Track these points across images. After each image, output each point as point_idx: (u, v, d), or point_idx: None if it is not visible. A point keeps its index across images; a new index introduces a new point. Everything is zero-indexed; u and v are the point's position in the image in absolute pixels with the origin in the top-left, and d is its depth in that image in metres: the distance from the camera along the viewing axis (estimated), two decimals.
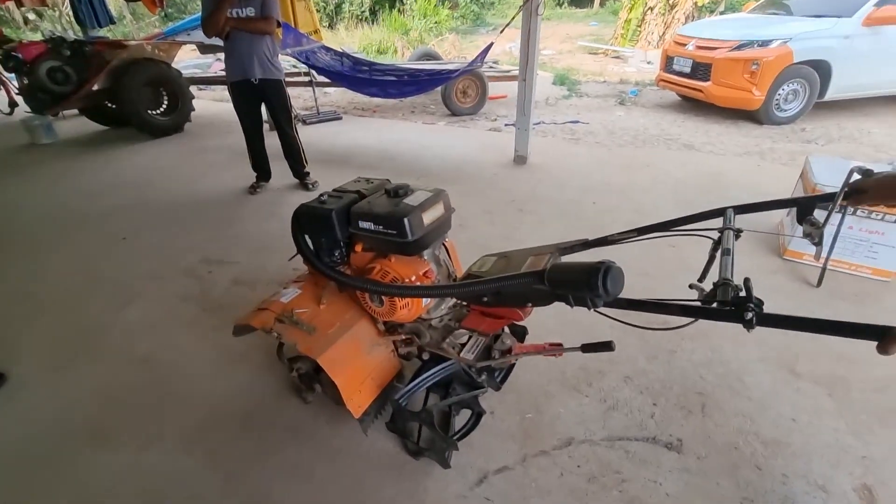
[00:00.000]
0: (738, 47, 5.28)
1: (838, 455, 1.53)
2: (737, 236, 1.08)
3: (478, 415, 1.61)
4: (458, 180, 3.95)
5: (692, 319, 0.92)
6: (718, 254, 1.05)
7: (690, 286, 1.02)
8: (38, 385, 1.90)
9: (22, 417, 1.76)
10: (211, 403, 1.78)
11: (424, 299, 1.43)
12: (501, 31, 4.03)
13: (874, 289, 2.34)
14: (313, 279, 1.71)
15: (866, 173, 0.99)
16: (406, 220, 1.25)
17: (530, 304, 1.21)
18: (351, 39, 11.80)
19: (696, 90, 5.69)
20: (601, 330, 2.09)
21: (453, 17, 14.99)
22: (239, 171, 4.20)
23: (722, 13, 10.56)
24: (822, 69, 5.19)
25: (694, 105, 6.23)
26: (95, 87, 4.91)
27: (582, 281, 0.93)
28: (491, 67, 6.70)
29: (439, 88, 5.76)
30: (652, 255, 2.59)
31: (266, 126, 3.77)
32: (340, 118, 6.04)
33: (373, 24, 13.61)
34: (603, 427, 1.65)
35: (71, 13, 6.88)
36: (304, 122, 5.68)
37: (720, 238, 1.08)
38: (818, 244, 1.08)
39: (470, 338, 1.50)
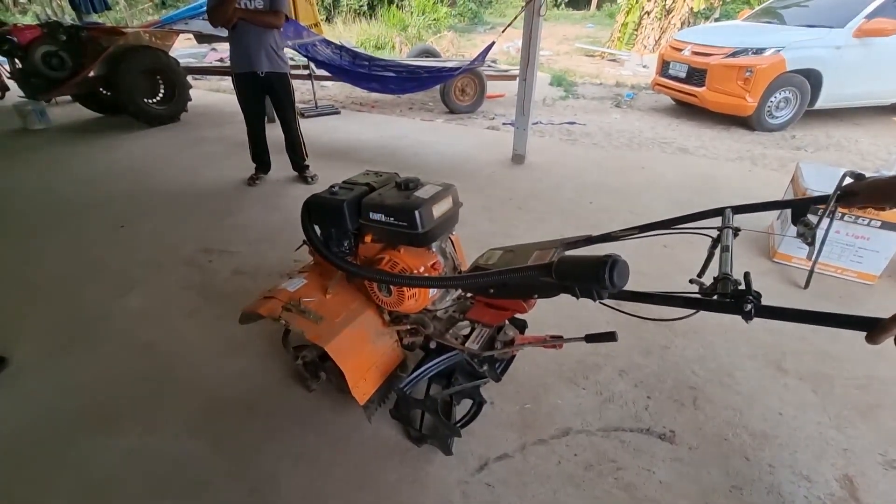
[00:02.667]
0: (733, 54, 5.38)
1: (822, 447, 1.60)
2: (735, 234, 1.13)
3: (479, 404, 1.66)
4: (457, 177, 3.98)
5: (694, 311, 0.97)
6: (717, 251, 1.10)
7: (691, 281, 1.07)
8: (38, 370, 1.91)
9: (22, 402, 1.76)
10: (215, 390, 1.80)
11: (431, 290, 1.46)
12: (503, 31, 4.07)
13: (859, 291, 2.43)
14: (319, 269, 1.74)
15: (858, 177, 1.05)
16: (417, 213, 1.29)
17: (535, 296, 1.25)
18: (348, 34, 11.75)
19: (691, 95, 5.78)
20: (598, 324, 2.14)
21: (451, 15, 15.01)
22: (237, 161, 4.19)
23: (717, 20, 10.71)
24: (813, 78, 5.31)
25: (687, 110, 6.33)
26: (91, 74, 4.85)
27: (589, 274, 0.97)
28: (489, 66, 6.74)
29: (438, 86, 5.79)
30: (645, 254, 2.65)
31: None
32: (339, 112, 6.04)
33: (371, 19, 13.57)
34: (599, 418, 1.70)
35: None
36: (303, 116, 5.67)
37: (719, 236, 1.13)
38: (811, 244, 1.15)
39: (473, 329, 1.54)
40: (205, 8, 5.99)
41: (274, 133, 3.75)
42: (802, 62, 5.20)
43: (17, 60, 4.73)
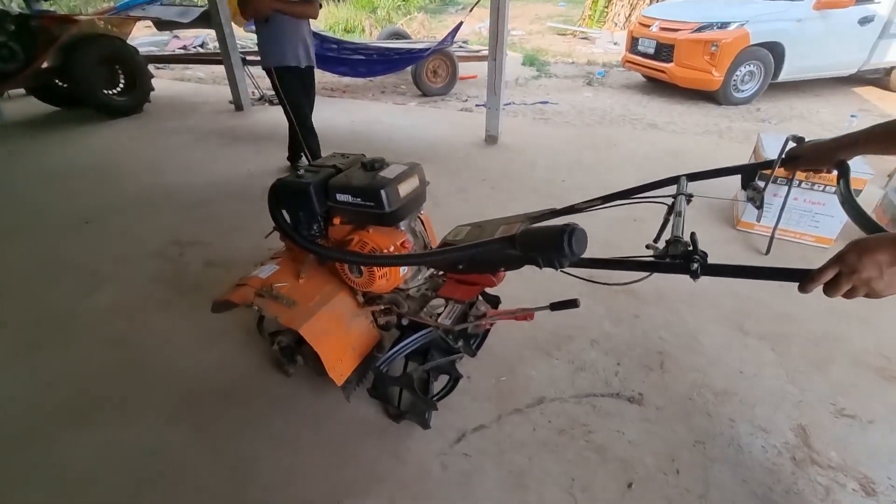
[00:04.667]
0: (699, 29, 5.46)
1: (778, 400, 1.70)
2: (688, 201, 1.18)
3: (455, 379, 1.70)
4: (430, 159, 3.98)
5: (648, 273, 1.01)
6: (672, 217, 1.15)
7: (647, 246, 1.11)
8: (6, 370, 1.87)
9: None
10: (192, 381, 1.80)
11: (402, 269, 1.48)
12: (471, 10, 4.04)
13: (815, 254, 2.55)
14: (291, 255, 1.74)
15: (798, 140, 1.10)
16: (383, 192, 1.30)
17: (503, 270, 1.28)
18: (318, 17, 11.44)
19: (660, 71, 5.86)
20: (566, 296, 2.21)
21: None
22: (203, 152, 4.10)
23: None
24: (776, 51, 5.44)
25: (657, 86, 6.42)
26: (44, 65, 4.64)
27: (549, 243, 1.00)
28: (461, 47, 6.69)
29: (409, 69, 5.73)
30: (616, 228, 2.72)
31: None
32: None
33: (339, 1, 13.22)
34: (572, 386, 1.77)
35: None
36: (271, 103, 5.55)
37: (673, 203, 1.18)
38: (759, 207, 1.20)
39: (446, 306, 1.57)
40: None
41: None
42: (766, 35, 5.32)
43: None
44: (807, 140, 1.11)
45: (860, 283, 0.71)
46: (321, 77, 7.06)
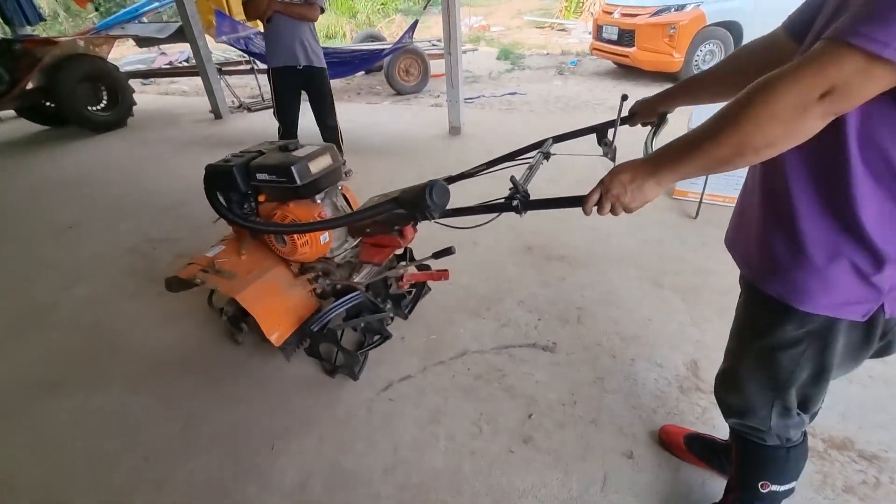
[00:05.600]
0: (657, 13, 5.62)
1: (679, 341, 1.88)
2: (546, 158, 1.37)
3: (384, 337, 1.89)
4: (397, 153, 4.18)
5: (495, 215, 1.18)
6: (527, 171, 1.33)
7: None
8: None
9: None
10: (155, 354, 2.01)
11: (323, 237, 1.68)
12: (424, 8, 4.23)
13: None
14: (237, 235, 1.94)
15: (624, 98, 1.29)
16: (294, 168, 1.50)
17: (396, 228, 1.47)
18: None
19: (624, 56, 6.03)
20: (500, 267, 2.40)
21: None
22: (182, 159, 4.32)
23: None
24: (734, 30, 5.59)
25: (626, 71, 6.58)
26: (29, 86, 4.89)
27: (419, 197, 1.19)
28: (434, 46, 6.89)
29: (385, 70, 5.93)
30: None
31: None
32: None
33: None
34: (493, 339, 1.95)
35: None
36: (250, 110, 5.77)
37: (532, 161, 1.36)
38: (613, 160, 1.38)
39: (369, 269, 1.76)
40: (140, 12, 6.00)
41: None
42: (722, 15, 5.48)
43: None
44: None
45: (615, 200, 0.89)
46: None
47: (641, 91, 5.74)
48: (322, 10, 3.27)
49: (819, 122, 0.65)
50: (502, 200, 1.12)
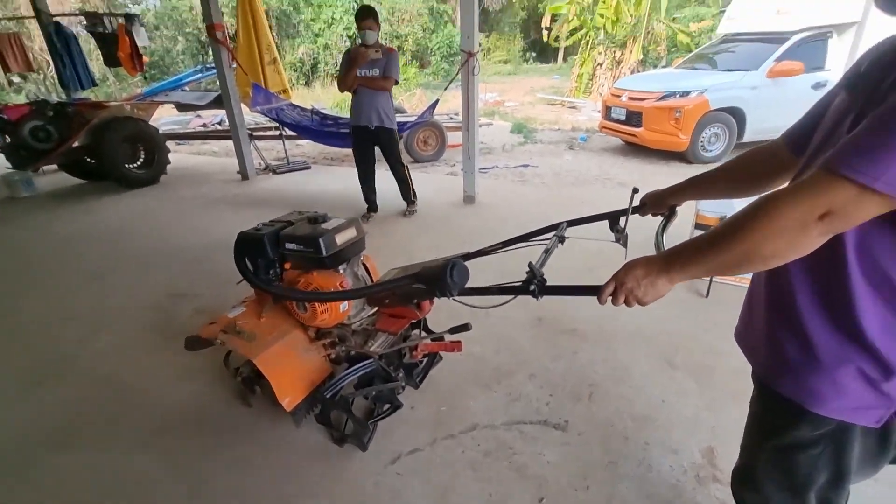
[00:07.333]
0: (663, 97, 5.98)
1: (693, 426, 1.85)
2: (561, 242, 1.45)
3: (395, 407, 1.89)
4: (413, 219, 4.35)
5: (512, 297, 1.24)
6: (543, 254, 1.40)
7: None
8: (11, 403, 2.11)
9: None
10: (166, 411, 2.02)
11: (342, 306, 1.74)
12: (445, 89, 4.58)
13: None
14: (258, 298, 2.02)
15: (635, 191, 1.38)
16: (321, 240, 1.60)
17: (415, 301, 1.54)
18: (326, 96, 12.56)
19: (632, 135, 6.35)
20: (511, 338, 2.42)
21: (424, 74, 16.08)
22: (208, 216, 4.53)
23: (664, 67, 11.68)
24: (737, 115, 5.91)
25: (634, 148, 6.88)
26: (76, 144, 5.27)
27: (439, 275, 1.26)
28: (451, 119, 7.33)
29: (405, 140, 6.30)
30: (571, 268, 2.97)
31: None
32: (310, 167, 6.48)
33: None
34: (505, 414, 1.94)
35: (55, 76, 7.36)
36: (275, 172, 6.10)
37: (549, 244, 1.44)
38: (624, 246, 1.46)
39: (384, 338, 1.81)
40: (183, 82, 6.56)
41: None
42: (725, 101, 5.81)
43: (6, 136, 5.14)
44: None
45: (628, 293, 0.94)
46: (323, 147, 7.75)
47: (649, 168, 6.01)
48: (396, 82, 3.91)
49: (819, 238, 0.70)
50: (519, 284, 1.19)
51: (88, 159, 5.76)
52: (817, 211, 0.68)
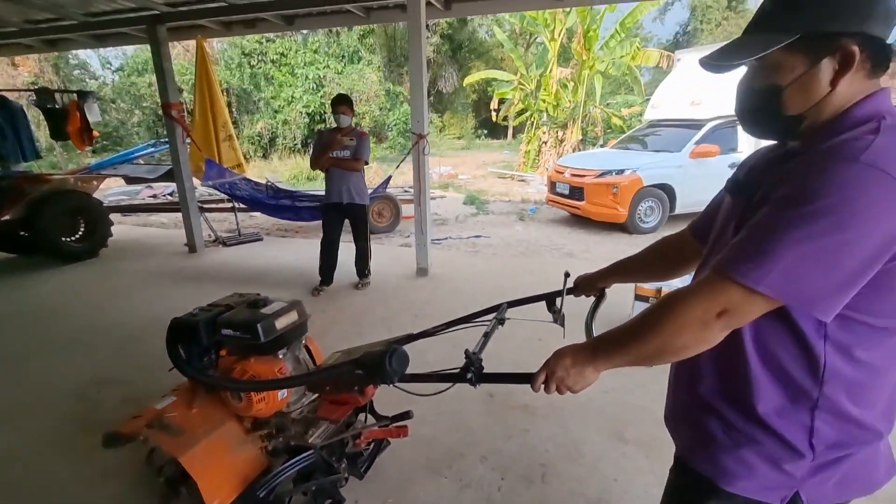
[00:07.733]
0: (601, 175, 6.50)
1: None
2: (501, 323, 1.49)
3: (338, 502, 1.76)
4: (366, 291, 4.32)
5: (450, 385, 1.23)
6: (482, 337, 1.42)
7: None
8: None
9: None
10: None
11: (280, 394, 1.66)
12: (397, 167, 4.79)
13: None
14: (191, 386, 1.89)
15: (567, 275, 1.47)
16: (259, 326, 1.55)
17: (356, 388, 1.49)
18: (283, 168, 12.76)
19: (576, 208, 6.78)
20: (462, 416, 2.37)
21: (381, 148, 16.77)
22: (148, 292, 4.30)
23: (602, 146, 12.82)
24: (668, 190, 6.48)
25: (579, 219, 7.31)
26: (7, 217, 4.98)
27: (378, 363, 1.25)
28: (405, 192, 7.58)
29: None
30: (527, 349, 2.99)
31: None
32: (261, 239, 6.39)
33: (304, 154, 14.87)
34: None
35: None
36: (225, 244, 5.96)
37: (488, 326, 1.48)
38: (562, 325, 1.52)
39: (325, 427, 1.72)
40: (135, 155, 6.50)
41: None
42: (655, 178, 6.38)
43: None
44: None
45: (559, 382, 0.97)
46: (277, 221, 7.73)
47: (594, 238, 6.38)
48: (366, 163, 4.12)
49: (721, 333, 0.78)
50: (458, 371, 1.19)
51: (22, 232, 5.43)
52: (714, 310, 0.75)
